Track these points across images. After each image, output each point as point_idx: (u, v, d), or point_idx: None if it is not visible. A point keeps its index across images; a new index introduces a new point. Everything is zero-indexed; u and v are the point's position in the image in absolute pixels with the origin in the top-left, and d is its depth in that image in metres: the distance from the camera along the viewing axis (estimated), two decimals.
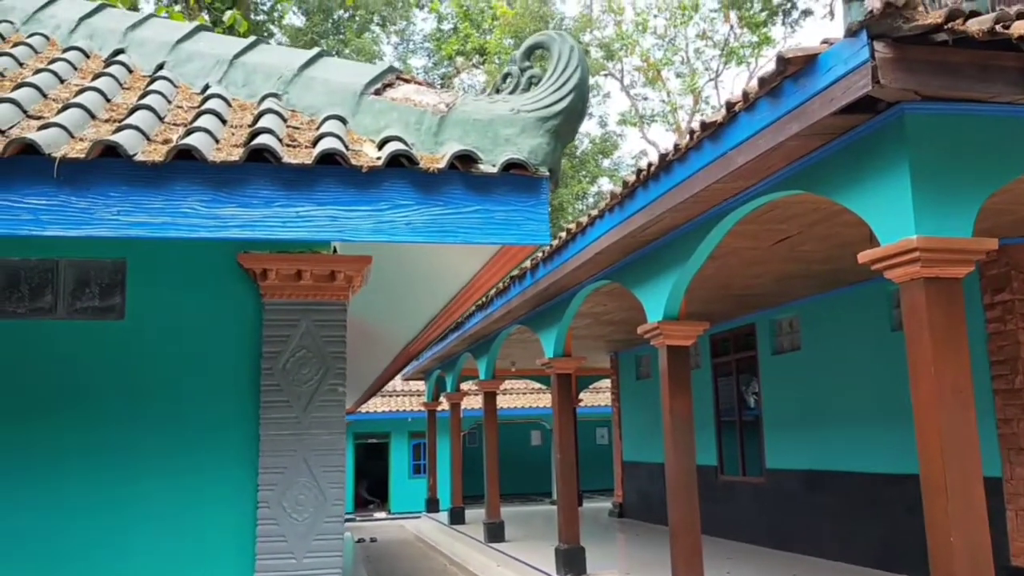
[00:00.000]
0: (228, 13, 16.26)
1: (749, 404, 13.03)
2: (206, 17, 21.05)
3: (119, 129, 3.17)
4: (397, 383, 25.26)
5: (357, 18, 32.58)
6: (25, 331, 3.76)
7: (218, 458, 3.81)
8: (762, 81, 4.74)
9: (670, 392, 7.30)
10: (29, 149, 2.93)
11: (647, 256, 7.56)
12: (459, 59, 34.32)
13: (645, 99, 34.37)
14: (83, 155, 2.95)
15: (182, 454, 3.79)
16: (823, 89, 4.34)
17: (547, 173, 3.34)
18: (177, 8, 20.05)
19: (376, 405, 25.02)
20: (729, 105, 5.09)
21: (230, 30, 16.97)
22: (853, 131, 4.70)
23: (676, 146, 5.78)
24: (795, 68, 4.47)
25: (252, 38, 4.32)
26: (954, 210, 4.35)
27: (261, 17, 29.69)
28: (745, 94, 4.93)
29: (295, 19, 32.26)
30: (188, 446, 3.80)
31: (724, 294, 10.48)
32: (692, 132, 5.55)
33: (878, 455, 9.71)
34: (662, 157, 6.01)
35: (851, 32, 4.06)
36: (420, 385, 25.43)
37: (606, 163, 35.67)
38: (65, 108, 3.37)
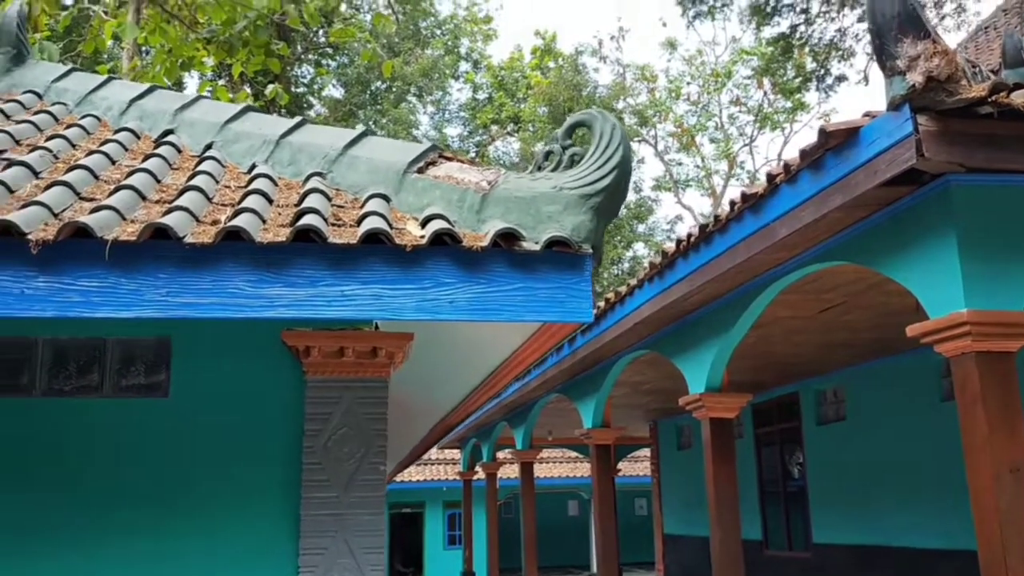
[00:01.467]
0: (270, 87, 16.72)
1: (793, 475, 12.73)
2: (248, 91, 21.67)
3: (169, 211, 3.22)
4: (432, 451, 25.09)
5: (394, 89, 33.34)
6: (71, 409, 3.78)
7: (259, 538, 3.77)
8: (803, 153, 4.73)
9: (714, 465, 7.15)
10: (81, 232, 2.98)
11: (688, 326, 7.50)
12: (494, 127, 34.90)
13: (679, 164, 34.60)
14: (134, 238, 2.99)
15: (223, 533, 3.75)
16: (866, 162, 4.31)
17: (590, 250, 3.33)
18: (221, 82, 20.66)
19: (411, 474, 24.83)
20: (770, 177, 5.07)
21: (272, 103, 17.45)
22: (898, 202, 4.65)
23: (717, 217, 5.76)
24: (837, 141, 4.46)
25: (298, 118, 4.40)
26: (1005, 282, 4.26)
27: (301, 89, 30.53)
28: (786, 166, 4.91)
29: (334, 91, 33.09)
30: (229, 525, 3.76)
31: (766, 363, 10.33)
32: (733, 203, 5.53)
33: (930, 529, 9.39)
34: (702, 228, 5.99)
35: (894, 106, 4.05)
36: (455, 453, 25.23)
37: (641, 228, 35.76)
38: (116, 190, 3.43)
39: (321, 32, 26.87)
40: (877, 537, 10.32)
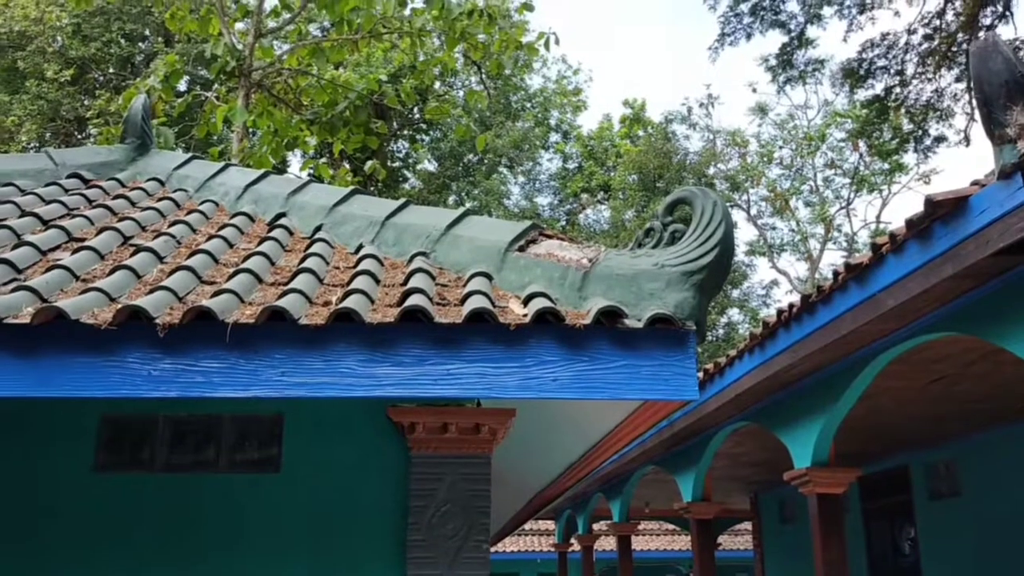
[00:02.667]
0: (368, 163, 17.34)
1: (904, 552, 12.08)
2: (347, 167, 22.50)
3: (284, 294, 3.36)
4: (525, 522, 24.80)
5: (486, 161, 34.07)
6: (189, 484, 3.92)
7: None
8: (910, 223, 4.63)
9: (822, 543, 6.87)
10: (204, 315, 3.13)
11: (791, 397, 7.31)
12: (584, 196, 35.19)
13: (773, 228, 34.09)
14: (252, 320, 3.13)
15: None
16: (976, 232, 4.19)
17: (694, 327, 3.31)
18: (322, 160, 21.50)
19: (504, 544, 24.58)
20: (876, 247, 4.97)
21: (370, 178, 18.05)
22: (1011, 272, 4.49)
23: (820, 288, 5.66)
24: (945, 211, 4.36)
25: (402, 200, 4.56)
26: None
27: (397, 164, 31.49)
28: (892, 236, 4.81)
29: (428, 165, 34.01)
30: None
31: (873, 434, 9.94)
32: (837, 274, 5.43)
33: None
34: (805, 299, 5.89)
35: (1004, 174, 3.94)
36: (550, 524, 24.88)
37: (735, 293, 35.18)
38: (235, 274, 3.61)
39: (416, 109, 27.79)
40: None
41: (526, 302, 3.50)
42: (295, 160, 26.02)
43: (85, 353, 3.05)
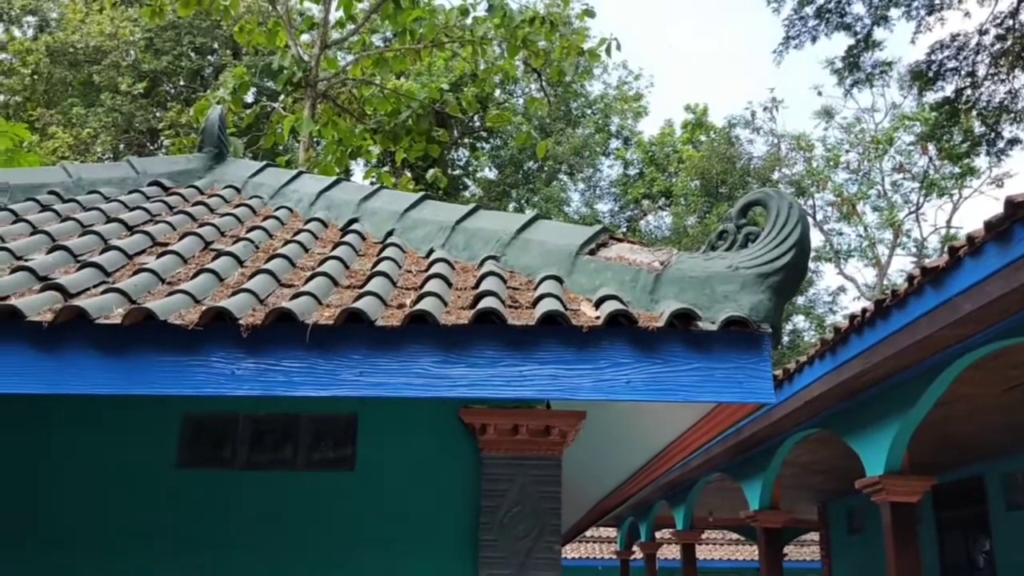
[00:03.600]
0: (430, 171, 17.53)
1: (978, 564, 11.73)
2: (409, 175, 22.74)
3: (360, 296, 3.43)
4: (587, 529, 24.69)
5: (546, 168, 34.12)
6: (268, 481, 4.03)
7: None
8: (988, 225, 4.52)
9: (896, 553, 6.72)
10: (284, 316, 3.21)
11: (862, 404, 7.17)
12: (645, 202, 34.96)
13: (840, 234, 33.43)
14: (331, 321, 3.20)
15: None
16: None
17: (769, 329, 3.29)
18: (384, 169, 21.78)
19: (566, 550, 24.51)
20: (953, 250, 4.87)
21: (431, 186, 18.23)
22: None
23: (894, 292, 5.56)
24: None
25: (472, 205, 4.61)
26: None
27: (457, 172, 31.74)
28: (970, 238, 4.70)
29: (488, 172, 34.18)
30: None
31: (947, 443, 9.68)
32: (912, 278, 5.32)
33: None
34: (879, 303, 5.78)
35: None
36: (611, 531, 24.74)
37: (800, 300, 34.58)
38: (312, 277, 3.70)
39: (477, 117, 27.99)
40: None
41: (598, 305, 3.52)
42: (358, 169, 26.39)
43: (172, 352, 3.15)
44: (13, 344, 3.12)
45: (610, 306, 3.37)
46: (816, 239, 34.20)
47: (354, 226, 4.83)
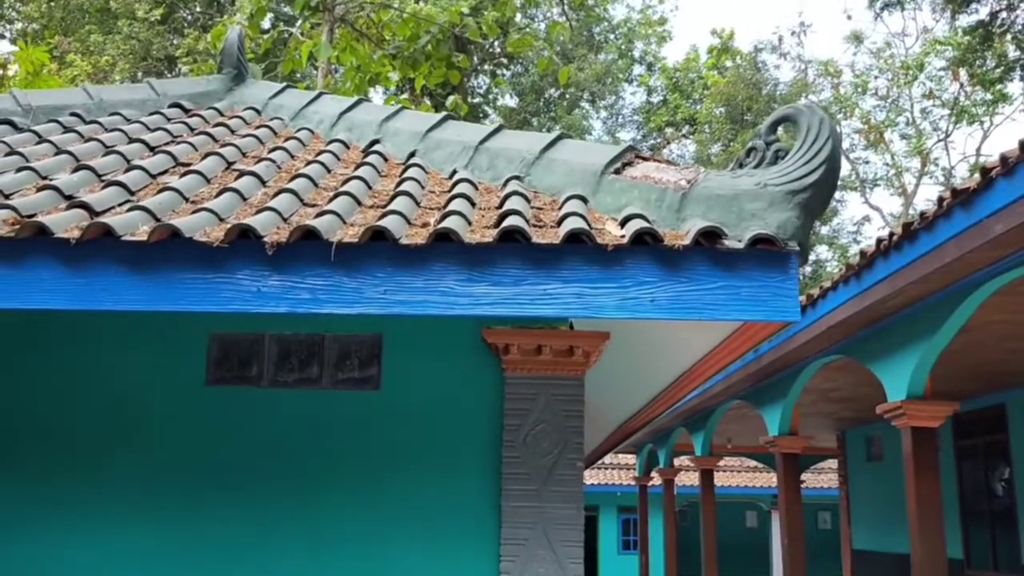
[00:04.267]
0: (450, 99, 17.31)
1: (997, 492, 11.81)
2: (428, 103, 22.49)
3: (384, 215, 3.41)
4: (606, 455, 25.07)
5: (567, 96, 33.63)
6: (294, 400, 4.09)
7: (461, 526, 3.93)
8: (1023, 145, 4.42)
9: (916, 478, 6.76)
10: (309, 234, 3.21)
11: (886, 330, 7.13)
12: (668, 130, 34.50)
13: (866, 163, 32.92)
14: (356, 239, 3.20)
15: (428, 519, 3.94)
16: None
17: (796, 248, 3.25)
18: (404, 96, 21.55)
19: (585, 477, 24.92)
20: (985, 170, 4.77)
21: (451, 114, 18.07)
22: None
23: (923, 214, 5.47)
24: None
25: (495, 124, 4.55)
26: None
27: (477, 100, 31.35)
28: (1004, 158, 4.60)
29: (509, 100, 33.75)
30: (434, 512, 3.95)
31: (971, 371, 9.65)
32: (942, 199, 5.23)
33: None
34: (906, 226, 5.70)
35: None
36: (630, 458, 25.10)
37: (824, 230, 34.28)
38: (335, 196, 3.69)
39: (497, 43, 27.51)
40: None
41: (623, 224, 3.48)
42: (377, 96, 26.09)
43: (198, 270, 3.17)
44: (42, 261, 3.15)
45: (635, 225, 3.34)
46: (842, 168, 33.73)
47: (376, 147, 4.79)
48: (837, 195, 33.39)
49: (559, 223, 3.48)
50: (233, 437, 4.06)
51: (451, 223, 3.30)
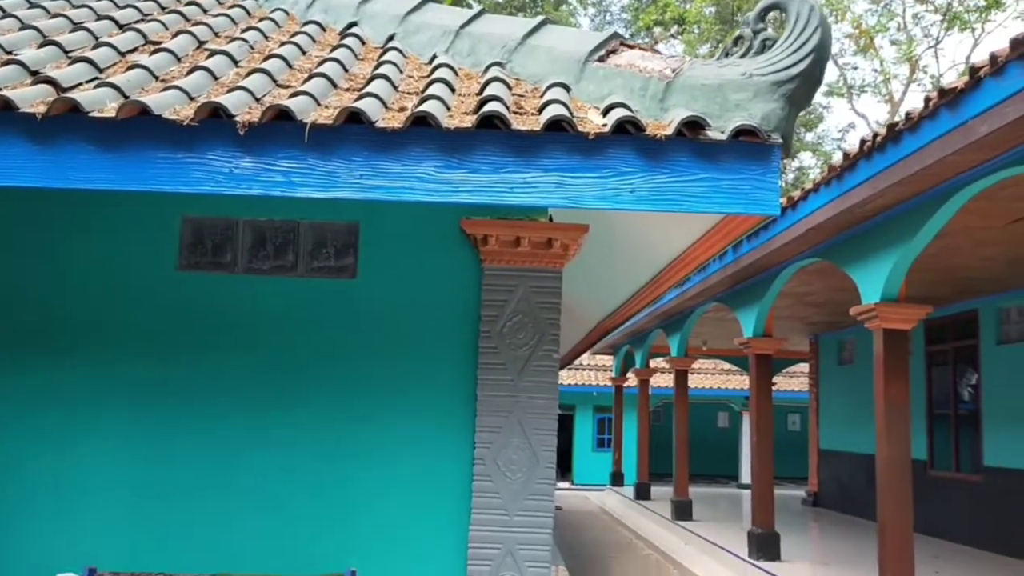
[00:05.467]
0: None
1: (964, 398, 12.13)
2: None
3: (360, 97, 3.32)
4: (584, 356, 25.44)
5: None
6: (268, 287, 4.06)
7: (437, 413, 3.98)
8: (1014, 43, 4.34)
9: (885, 379, 6.89)
10: (282, 115, 3.12)
11: (865, 233, 7.15)
12: (657, 29, 33.73)
13: (855, 68, 32.51)
14: (330, 121, 3.12)
15: (404, 407, 3.98)
16: None
17: (779, 140, 3.20)
18: None
19: (562, 377, 25.32)
20: (973, 70, 4.69)
21: None
22: None
23: (908, 115, 5.41)
24: None
25: (477, 8, 4.40)
26: None
27: None
28: (993, 57, 4.52)
29: None
30: (409, 400, 3.99)
31: (945, 277, 9.77)
32: (928, 99, 5.17)
33: None
34: (890, 127, 5.64)
35: None
36: (607, 360, 25.49)
37: (809, 137, 34.07)
38: (310, 78, 3.57)
39: None
40: None
41: (605, 112, 3.41)
42: None
43: (168, 149, 3.09)
44: (9, 137, 3.06)
45: (618, 113, 3.27)
46: (830, 73, 33.28)
47: (353, 30, 4.63)
48: (823, 101, 33.08)
49: (540, 110, 3.40)
50: (205, 323, 4.04)
51: (429, 107, 3.22)
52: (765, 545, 9.91)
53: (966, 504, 11.50)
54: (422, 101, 3.34)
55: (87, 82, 3.43)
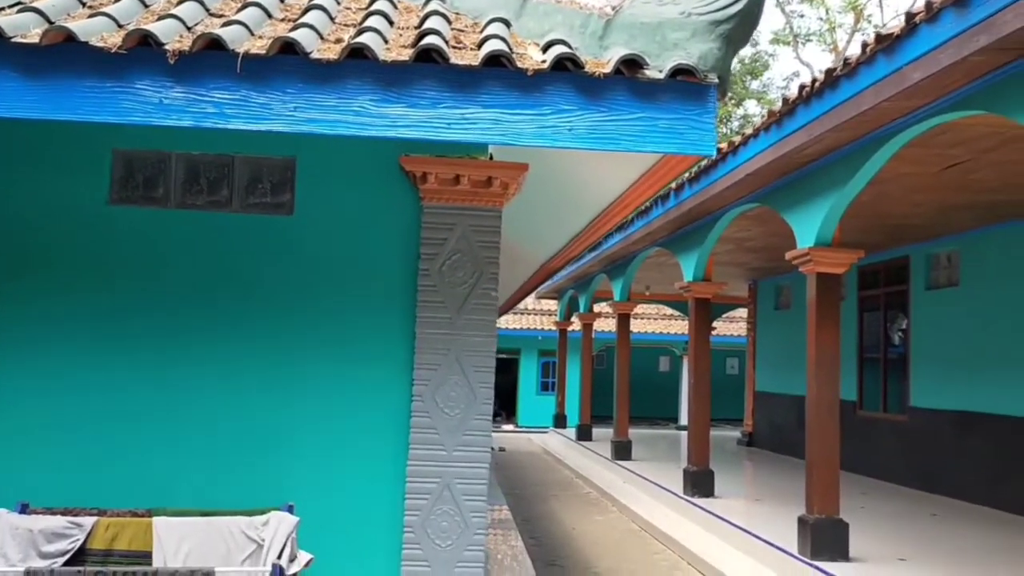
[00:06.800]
0: None
1: (894, 342, 12.53)
2: None
3: (295, 28, 3.25)
4: (529, 301, 25.60)
5: None
6: (202, 222, 3.99)
7: (375, 351, 3.99)
8: None
9: (817, 321, 7.09)
10: (214, 45, 3.05)
11: (802, 178, 7.28)
12: None
13: (801, 16, 32.62)
14: (264, 52, 3.05)
15: (343, 344, 3.99)
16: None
17: (716, 80, 3.23)
18: None
19: (507, 322, 25.49)
20: (910, 16, 4.76)
21: None
22: None
23: (846, 60, 5.48)
24: None
25: None
26: None
27: None
28: (928, 3, 4.59)
29: None
30: (348, 337, 3.99)
31: (879, 223, 10.01)
32: (865, 45, 5.23)
33: None
34: (828, 72, 5.71)
35: None
36: (551, 304, 25.69)
37: (755, 85, 34.29)
38: (244, 7, 3.48)
39: None
40: (979, 404, 10.18)
41: (545, 49, 3.40)
42: None
43: (95, 77, 3.00)
44: None
45: (557, 50, 3.26)
46: (776, 21, 33.29)
47: None
48: (769, 48, 33.22)
49: (480, 46, 3.37)
50: (139, 258, 3.97)
51: (366, 39, 3.17)
52: (699, 482, 10.22)
53: (893, 443, 11.96)
54: (359, 33, 3.29)
55: (10, 7, 3.29)
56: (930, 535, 8.19)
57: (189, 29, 3.24)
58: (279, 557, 3.24)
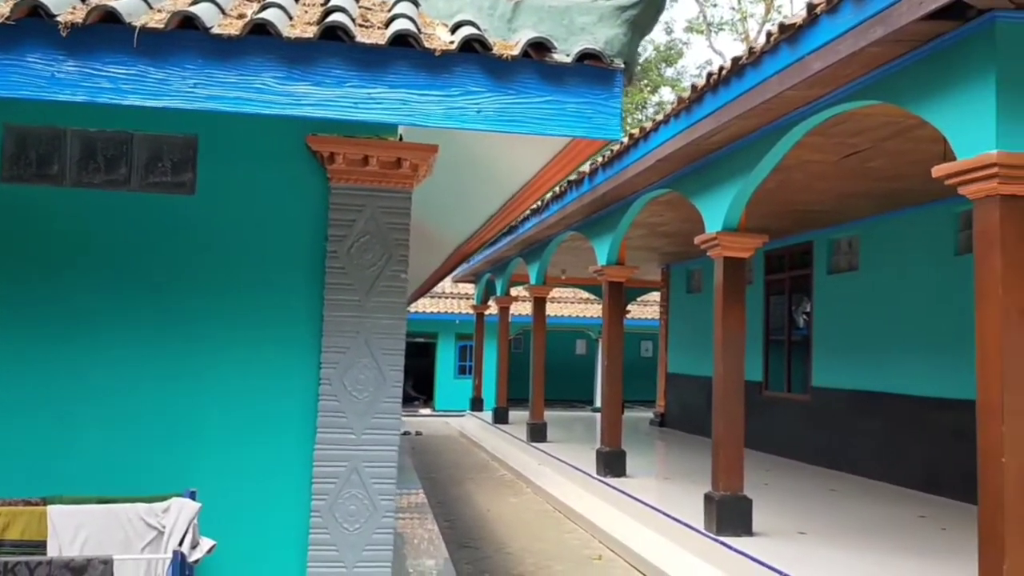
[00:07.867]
0: None
1: (798, 324, 12.97)
2: None
3: (195, 2, 3.16)
4: (446, 285, 25.56)
5: None
6: (100, 201, 3.85)
7: (282, 334, 3.92)
8: None
9: (724, 304, 7.28)
10: (109, 17, 2.94)
11: (710, 165, 7.45)
12: None
13: (714, 6, 33.24)
14: (161, 25, 2.96)
15: (248, 327, 3.90)
16: None
17: (622, 65, 3.27)
18: None
19: (424, 306, 25.41)
20: (811, 7, 4.90)
21: None
22: (939, 39, 4.52)
23: (751, 49, 5.61)
24: None
25: None
26: None
27: None
28: None
29: None
30: (254, 320, 3.91)
31: (784, 210, 10.32)
32: (769, 35, 5.37)
33: (929, 379, 9.65)
34: (735, 60, 5.85)
35: None
36: (469, 288, 25.70)
37: (669, 72, 34.83)
38: None
39: None
40: (876, 384, 10.63)
41: (453, 30, 3.39)
42: None
43: None
44: None
45: (465, 31, 3.25)
46: (691, 10, 33.81)
47: None
48: (683, 37, 33.77)
49: (387, 24, 3.34)
50: (33, 239, 3.81)
51: (269, 15, 3.10)
52: (612, 462, 10.41)
53: (796, 422, 12.40)
54: (262, 8, 3.21)
55: None
56: (829, 510, 8.54)
57: (83, 1, 3.12)
58: (180, 544, 3.18)
